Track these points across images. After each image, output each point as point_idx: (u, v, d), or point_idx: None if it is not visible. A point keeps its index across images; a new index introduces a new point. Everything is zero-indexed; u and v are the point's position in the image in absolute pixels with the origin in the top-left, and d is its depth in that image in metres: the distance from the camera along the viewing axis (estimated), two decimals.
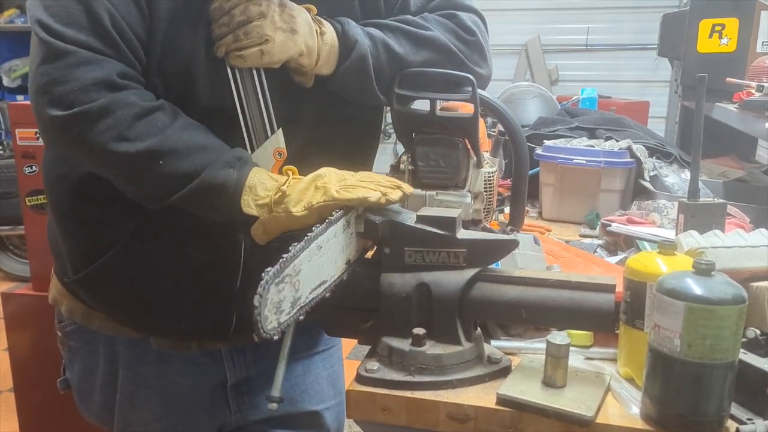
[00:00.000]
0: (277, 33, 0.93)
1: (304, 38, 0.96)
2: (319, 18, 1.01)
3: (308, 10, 1.00)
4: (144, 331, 1.09)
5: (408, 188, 0.95)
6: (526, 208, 1.34)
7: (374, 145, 1.22)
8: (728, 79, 2.00)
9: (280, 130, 0.99)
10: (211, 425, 1.19)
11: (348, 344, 1.48)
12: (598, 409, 0.84)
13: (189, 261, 1.02)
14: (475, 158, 1.09)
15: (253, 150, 0.99)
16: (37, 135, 1.53)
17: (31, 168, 1.57)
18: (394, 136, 4.99)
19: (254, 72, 0.97)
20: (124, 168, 0.93)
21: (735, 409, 0.81)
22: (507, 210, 1.56)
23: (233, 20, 0.92)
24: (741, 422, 0.79)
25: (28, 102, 1.60)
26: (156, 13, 0.93)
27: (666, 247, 0.89)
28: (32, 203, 1.60)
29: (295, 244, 0.79)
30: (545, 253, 1.25)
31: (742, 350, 0.81)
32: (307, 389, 1.26)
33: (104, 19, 0.90)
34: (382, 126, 4.53)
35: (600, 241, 1.52)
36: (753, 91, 1.92)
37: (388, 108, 1.11)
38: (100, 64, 0.90)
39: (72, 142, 0.93)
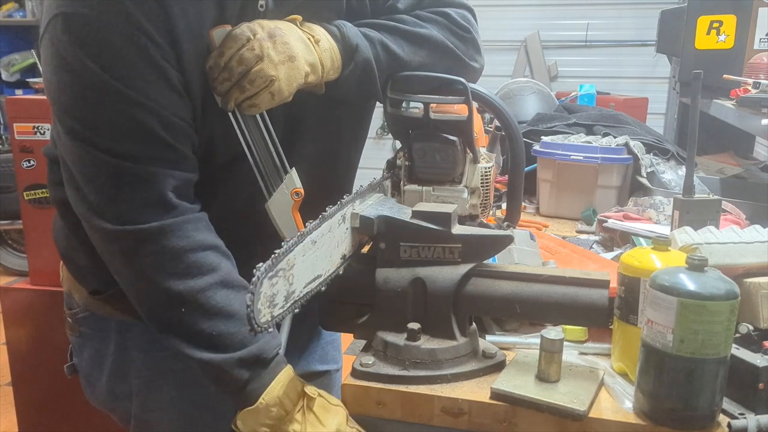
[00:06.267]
0: (279, 69, 0.90)
1: (305, 58, 0.93)
2: (308, 24, 0.98)
3: (293, 21, 0.96)
4: None
5: None
6: (524, 204, 1.34)
7: (360, 149, 1.22)
8: (725, 75, 2.00)
9: (293, 170, 0.98)
10: (227, 404, 1.20)
11: (345, 340, 1.49)
12: (592, 404, 0.84)
13: None
14: (471, 154, 1.09)
15: (270, 194, 0.97)
16: (35, 129, 1.53)
17: (29, 162, 1.57)
18: None
19: (258, 117, 0.95)
20: (144, 291, 0.93)
21: (727, 404, 0.81)
22: (504, 206, 1.56)
23: (233, 73, 0.88)
24: (733, 417, 0.80)
25: (27, 96, 1.60)
26: (190, 90, 0.90)
27: (660, 243, 0.89)
28: (30, 197, 1.60)
29: (288, 239, 0.80)
30: (541, 248, 1.26)
31: (734, 345, 0.81)
32: (316, 351, 1.31)
33: (152, 124, 0.86)
34: (382, 122, 4.53)
35: (596, 237, 1.53)
36: (750, 87, 1.92)
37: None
38: (153, 182, 0.88)
39: (115, 251, 0.92)
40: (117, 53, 0.83)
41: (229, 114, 0.93)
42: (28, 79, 1.48)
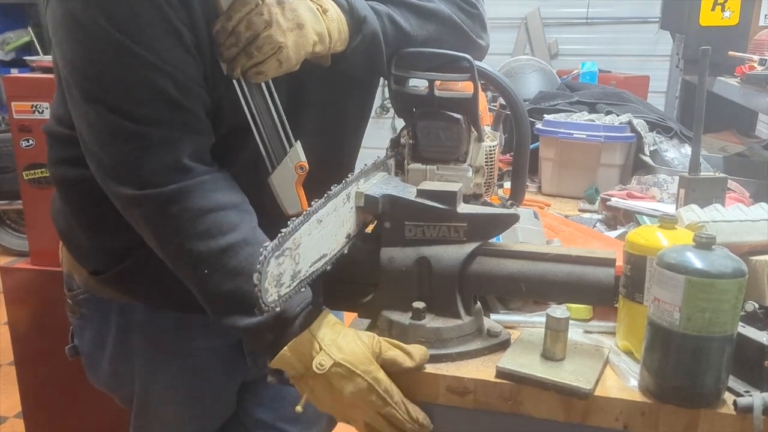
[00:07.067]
0: (288, 36, 0.88)
1: (312, 27, 0.91)
2: None
3: None
4: (182, 310, 1.08)
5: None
6: (526, 183, 1.33)
7: (365, 124, 1.21)
8: (730, 52, 1.98)
9: (298, 143, 0.96)
10: (229, 385, 1.21)
11: (348, 318, 1.49)
12: (597, 382, 0.85)
13: None
14: (476, 132, 1.08)
15: (273, 167, 0.96)
16: (33, 108, 1.52)
17: (28, 142, 1.56)
18: (392, 111, 4.98)
19: (263, 86, 0.93)
20: (171, 254, 0.92)
21: (733, 382, 0.81)
22: (507, 185, 1.56)
23: (241, 38, 0.86)
24: (738, 394, 0.80)
25: (25, 75, 1.58)
26: (201, 51, 0.89)
27: (667, 221, 0.88)
28: (30, 177, 1.59)
29: (294, 218, 0.79)
30: (545, 227, 1.25)
31: (740, 323, 0.81)
32: None
33: (167, 86, 0.86)
34: (381, 101, 4.50)
35: (599, 216, 1.52)
36: (755, 64, 1.91)
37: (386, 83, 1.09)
38: (171, 146, 0.88)
39: (138, 216, 0.92)
40: (132, 14, 0.83)
41: (234, 82, 0.91)
42: (25, 57, 1.47)
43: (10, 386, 2.17)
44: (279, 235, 0.75)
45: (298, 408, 0.88)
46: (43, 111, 1.53)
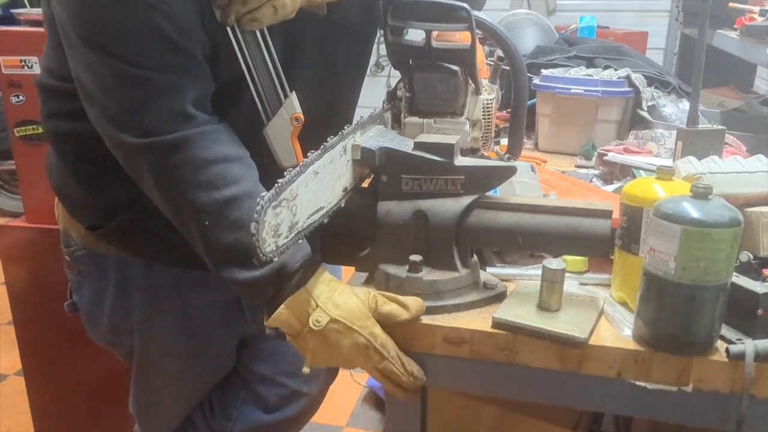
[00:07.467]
0: None
1: None
2: None
3: None
4: (180, 266, 1.08)
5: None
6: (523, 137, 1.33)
7: (362, 79, 1.20)
8: (731, 3, 1.95)
9: (293, 94, 0.95)
10: (228, 340, 1.22)
11: (346, 274, 1.50)
12: (592, 331, 0.86)
13: None
14: (473, 85, 1.07)
15: (268, 118, 0.95)
16: (23, 63, 1.49)
17: (18, 98, 1.53)
18: (387, 69, 4.90)
19: (258, 36, 0.92)
20: (173, 205, 0.91)
21: (726, 331, 0.83)
22: (504, 141, 1.55)
23: None
24: (731, 342, 0.81)
25: (12, 29, 1.54)
26: None
27: (664, 173, 0.88)
28: (21, 134, 1.56)
29: (290, 169, 0.79)
30: (541, 182, 1.25)
31: (735, 273, 0.82)
32: None
33: (166, 27, 0.85)
34: (376, 58, 4.42)
35: (596, 171, 1.52)
36: (756, 16, 1.88)
37: (383, 40, 1.07)
38: (173, 92, 0.87)
39: (141, 165, 0.90)
40: None
41: (229, 30, 0.90)
42: (12, 11, 1.42)
43: (10, 345, 2.19)
44: (276, 185, 0.75)
45: (305, 369, 0.89)
46: (32, 66, 1.50)
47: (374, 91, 1.22)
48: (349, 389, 2.44)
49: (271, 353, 1.30)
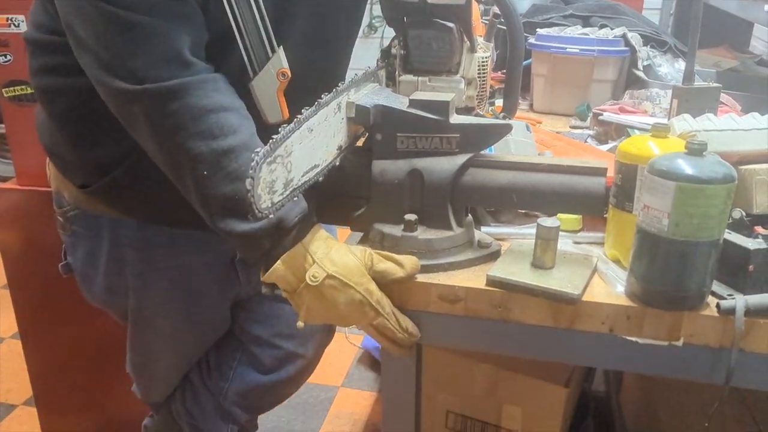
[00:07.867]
0: None
1: None
2: None
3: None
4: (173, 225, 1.08)
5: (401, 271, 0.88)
6: (519, 95, 1.32)
7: (355, 36, 1.18)
8: None
9: (281, 48, 0.93)
10: (222, 300, 1.22)
11: (341, 235, 1.50)
12: (585, 288, 0.86)
13: None
14: (468, 43, 1.05)
15: (255, 73, 0.93)
16: (9, 21, 1.45)
17: (6, 57, 1.50)
18: (380, 30, 4.83)
19: None
20: (168, 154, 0.89)
21: (717, 287, 0.84)
22: (499, 102, 1.53)
23: None
24: (722, 298, 0.82)
25: None
26: None
27: (659, 130, 0.88)
28: (10, 94, 1.53)
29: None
30: (537, 142, 1.24)
31: (727, 230, 0.83)
32: None
33: None
34: (369, 20, 4.35)
35: (591, 132, 1.52)
36: None
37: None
38: (168, 37, 0.84)
39: (137, 112, 0.88)
40: None
41: None
42: None
43: (5, 309, 2.19)
44: (270, 141, 0.74)
45: (300, 324, 0.89)
46: (19, 24, 1.46)
47: (368, 53, 1.20)
48: (344, 350, 2.47)
49: (267, 315, 1.31)
